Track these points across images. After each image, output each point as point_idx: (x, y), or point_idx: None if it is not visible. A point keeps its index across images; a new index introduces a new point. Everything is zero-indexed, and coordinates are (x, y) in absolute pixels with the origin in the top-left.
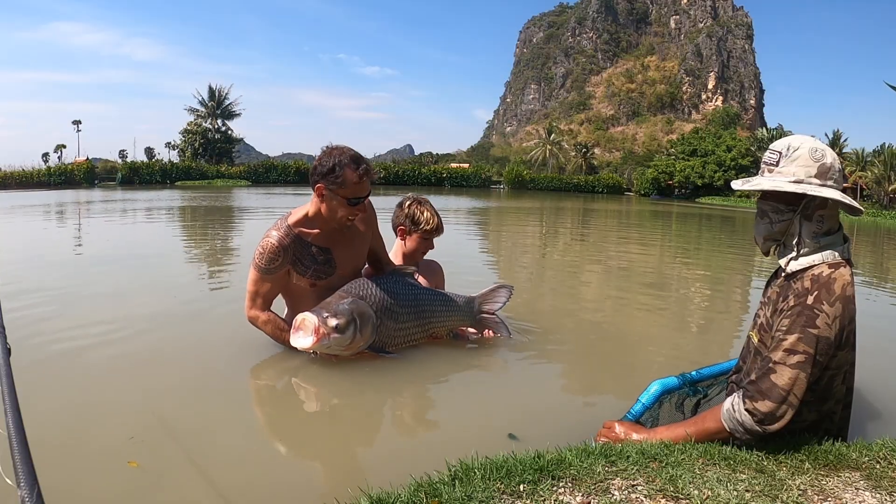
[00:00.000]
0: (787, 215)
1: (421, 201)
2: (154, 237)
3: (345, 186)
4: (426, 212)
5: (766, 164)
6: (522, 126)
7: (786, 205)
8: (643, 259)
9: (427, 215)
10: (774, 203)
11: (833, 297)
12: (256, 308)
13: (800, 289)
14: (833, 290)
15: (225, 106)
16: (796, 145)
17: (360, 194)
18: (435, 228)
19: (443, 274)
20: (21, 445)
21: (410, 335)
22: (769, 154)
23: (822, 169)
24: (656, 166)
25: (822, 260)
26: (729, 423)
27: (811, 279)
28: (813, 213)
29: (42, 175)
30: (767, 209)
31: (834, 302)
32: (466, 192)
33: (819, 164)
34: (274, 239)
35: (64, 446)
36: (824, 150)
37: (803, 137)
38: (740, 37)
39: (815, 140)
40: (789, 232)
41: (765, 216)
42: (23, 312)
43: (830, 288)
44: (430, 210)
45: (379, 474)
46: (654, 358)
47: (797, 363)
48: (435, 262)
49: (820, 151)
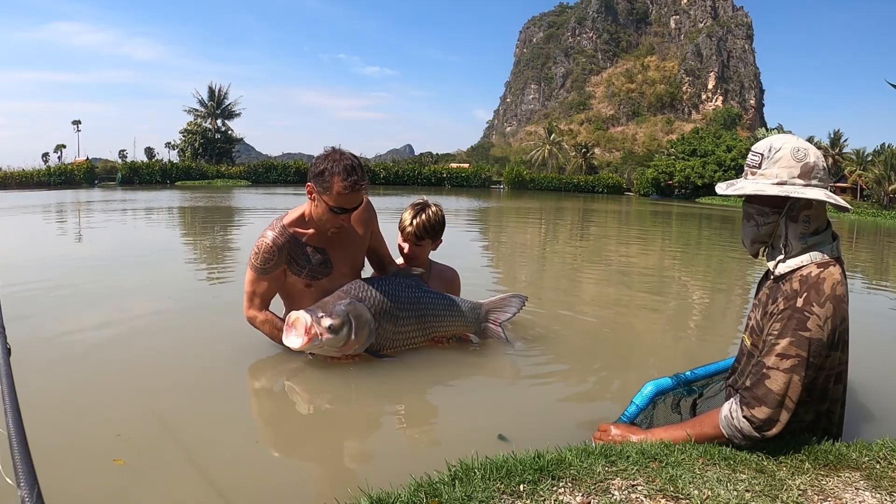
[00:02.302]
0: (773, 218)
1: (419, 206)
2: (154, 237)
3: (330, 193)
4: (409, 215)
5: (749, 166)
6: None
7: (770, 207)
8: (642, 259)
9: (405, 216)
10: (759, 206)
11: (823, 297)
12: (254, 308)
13: (789, 291)
14: (822, 291)
15: (225, 106)
16: (778, 146)
17: (343, 205)
18: (411, 231)
19: (459, 281)
20: (21, 445)
21: (410, 338)
22: (751, 156)
23: (806, 169)
24: (656, 166)
25: (810, 260)
26: (727, 429)
27: (800, 280)
28: (798, 213)
29: (42, 175)
30: (753, 212)
31: (824, 303)
32: (466, 192)
33: (802, 163)
34: (269, 239)
35: (64, 446)
36: (807, 149)
37: (785, 137)
38: (740, 37)
39: (797, 139)
40: (776, 234)
41: (750, 219)
42: (23, 312)
43: (820, 288)
44: (413, 214)
45: (379, 474)
46: (653, 359)
47: (790, 367)
48: (450, 270)
49: (802, 151)
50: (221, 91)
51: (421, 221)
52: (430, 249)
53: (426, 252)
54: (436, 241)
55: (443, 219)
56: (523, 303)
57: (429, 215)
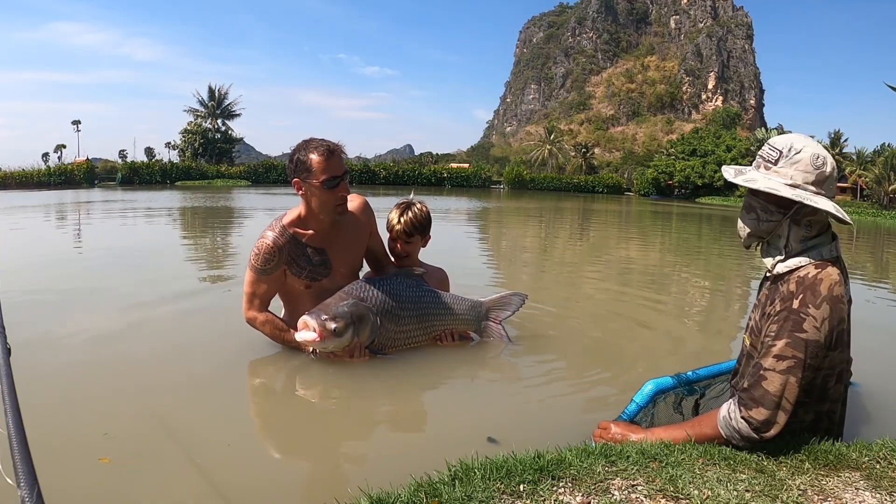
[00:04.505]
0: (777, 217)
1: (404, 205)
2: (153, 237)
3: (314, 170)
4: (395, 214)
5: (764, 159)
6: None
7: (777, 206)
8: (642, 259)
9: (392, 216)
10: (765, 202)
11: (819, 298)
12: (254, 309)
13: (785, 292)
14: (819, 292)
15: (225, 106)
16: (799, 147)
17: (333, 173)
18: (400, 230)
19: (448, 282)
20: (21, 445)
21: (411, 337)
22: (768, 150)
23: (821, 177)
24: (656, 166)
25: (808, 261)
26: (725, 430)
27: (796, 282)
28: (802, 218)
29: (42, 175)
30: (757, 206)
31: (820, 304)
32: (466, 192)
33: (818, 171)
34: (269, 239)
35: (60, 446)
36: (825, 158)
37: (806, 139)
38: (740, 37)
39: (817, 145)
40: (776, 233)
41: (752, 211)
42: (23, 312)
43: (816, 290)
44: (400, 213)
45: (379, 474)
46: (653, 358)
47: (787, 368)
48: (440, 270)
49: (822, 159)
50: (221, 91)
51: (408, 219)
52: (420, 247)
53: (417, 249)
54: (424, 236)
55: (429, 215)
56: (523, 301)
57: (415, 212)
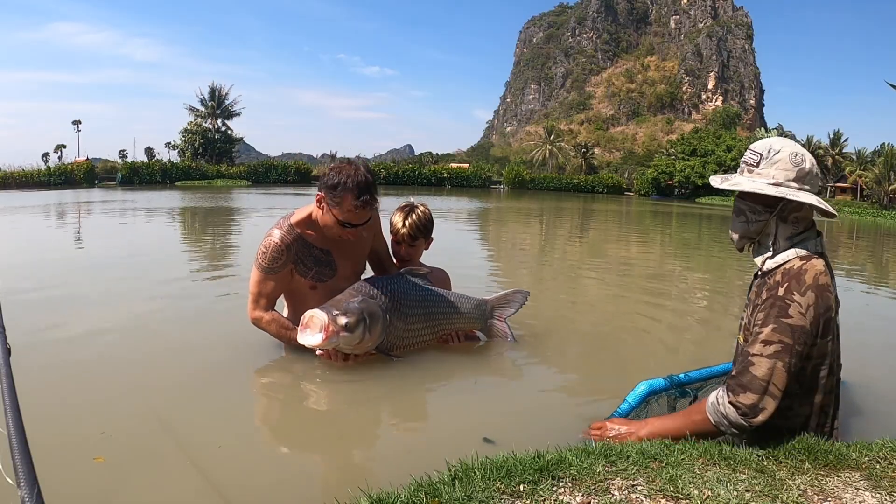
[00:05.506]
0: (764, 216)
1: (407, 208)
2: (154, 237)
3: (340, 208)
4: (399, 218)
5: (746, 164)
6: (522, 126)
7: (763, 206)
8: (642, 259)
9: (395, 220)
10: (752, 203)
11: (804, 286)
12: (260, 308)
13: (772, 283)
14: (804, 281)
15: (225, 106)
16: (777, 148)
17: (352, 221)
18: (405, 233)
19: (449, 282)
20: (21, 445)
21: (419, 336)
22: (750, 154)
23: (801, 173)
24: (656, 166)
25: (794, 255)
26: (714, 415)
27: (782, 273)
28: (788, 215)
29: (42, 175)
30: (745, 208)
31: (805, 291)
32: (467, 192)
33: (798, 168)
34: (276, 237)
35: (59, 445)
36: (804, 155)
37: (784, 140)
38: (740, 37)
39: (795, 144)
40: (765, 232)
41: (741, 214)
42: (23, 312)
43: (801, 278)
44: (404, 216)
45: (379, 474)
46: (652, 359)
47: (773, 353)
48: (442, 271)
49: (800, 156)
50: (222, 91)
51: (413, 222)
52: (423, 249)
53: (420, 252)
54: (428, 239)
55: (431, 217)
56: (526, 298)
57: (419, 215)
